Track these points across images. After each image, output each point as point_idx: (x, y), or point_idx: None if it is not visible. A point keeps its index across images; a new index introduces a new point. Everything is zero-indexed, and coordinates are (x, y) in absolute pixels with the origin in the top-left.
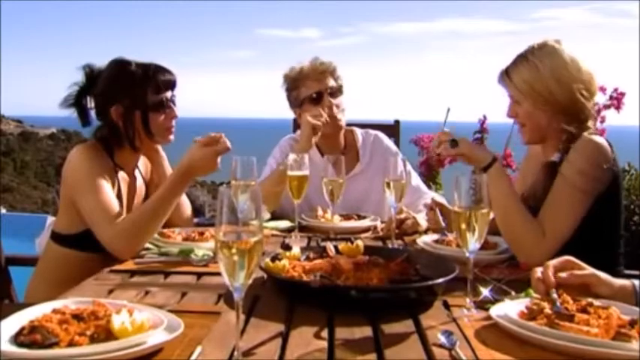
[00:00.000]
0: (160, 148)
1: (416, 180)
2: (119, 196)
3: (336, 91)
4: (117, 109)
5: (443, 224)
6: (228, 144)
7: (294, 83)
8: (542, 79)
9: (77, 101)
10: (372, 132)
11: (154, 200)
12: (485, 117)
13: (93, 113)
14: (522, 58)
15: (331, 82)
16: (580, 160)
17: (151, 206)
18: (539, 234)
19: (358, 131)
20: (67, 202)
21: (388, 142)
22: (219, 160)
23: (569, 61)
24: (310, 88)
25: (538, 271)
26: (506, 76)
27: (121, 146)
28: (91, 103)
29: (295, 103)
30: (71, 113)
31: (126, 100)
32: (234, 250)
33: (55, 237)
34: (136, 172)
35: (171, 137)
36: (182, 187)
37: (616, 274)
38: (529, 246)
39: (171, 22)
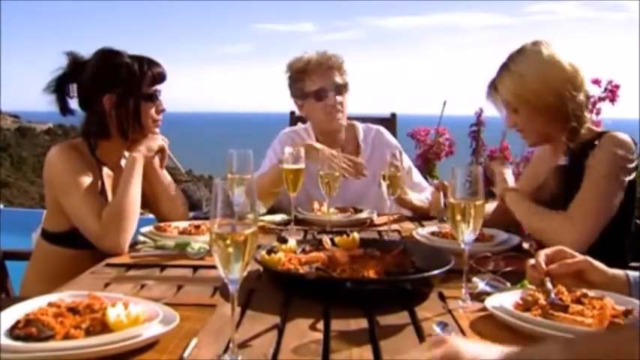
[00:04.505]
0: None
1: (417, 176)
2: (103, 192)
3: (342, 88)
4: (110, 98)
5: (442, 206)
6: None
7: (298, 75)
8: (526, 87)
9: (58, 87)
10: (373, 126)
11: (122, 187)
12: (481, 110)
13: (73, 102)
14: (505, 69)
15: (337, 79)
16: (606, 154)
17: (122, 193)
18: (565, 221)
19: (359, 126)
20: (52, 202)
21: (389, 136)
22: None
23: (550, 62)
24: (315, 82)
25: (531, 260)
26: (493, 89)
27: (108, 138)
28: (73, 91)
29: (298, 95)
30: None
31: (119, 88)
32: (228, 242)
33: (45, 234)
34: (123, 165)
35: (158, 130)
36: (138, 165)
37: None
38: (557, 234)
39: (167, 18)
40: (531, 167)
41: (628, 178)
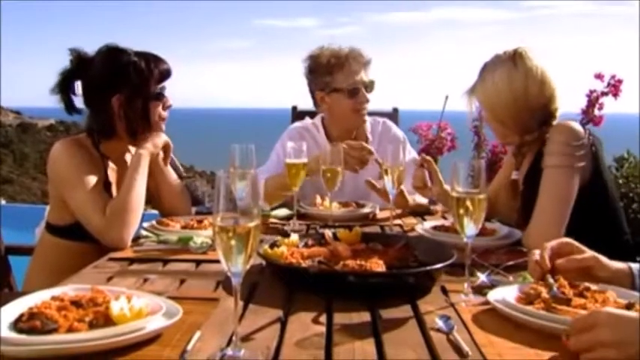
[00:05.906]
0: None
1: None
2: (108, 186)
3: (371, 86)
4: (119, 99)
5: (429, 183)
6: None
7: (329, 67)
8: (488, 96)
9: (64, 87)
10: (380, 119)
11: (127, 182)
12: None
13: (78, 99)
14: (479, 76)
15: (369, 76)
16: (554, 144)
17: (127, 189)
18: (530, 228)
19: (367, 118)
20: (56, 197)
21: (395, 129)
22: (163, 127)
23: (513, 81)
24: (349, 77)
25: (536, 254)
26: (468, 93)
27: (113, 136)
28: (78, 89)
29: (324, 87)
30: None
31: (127, 89)
32: (231, 235)
33: (49, 227)
34: (127, 160)
35: (164, 127)
36: (144, 161)
37: (624, 244)
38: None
39: (167, 14)
40: (507, 159)
41: (582, 164)
